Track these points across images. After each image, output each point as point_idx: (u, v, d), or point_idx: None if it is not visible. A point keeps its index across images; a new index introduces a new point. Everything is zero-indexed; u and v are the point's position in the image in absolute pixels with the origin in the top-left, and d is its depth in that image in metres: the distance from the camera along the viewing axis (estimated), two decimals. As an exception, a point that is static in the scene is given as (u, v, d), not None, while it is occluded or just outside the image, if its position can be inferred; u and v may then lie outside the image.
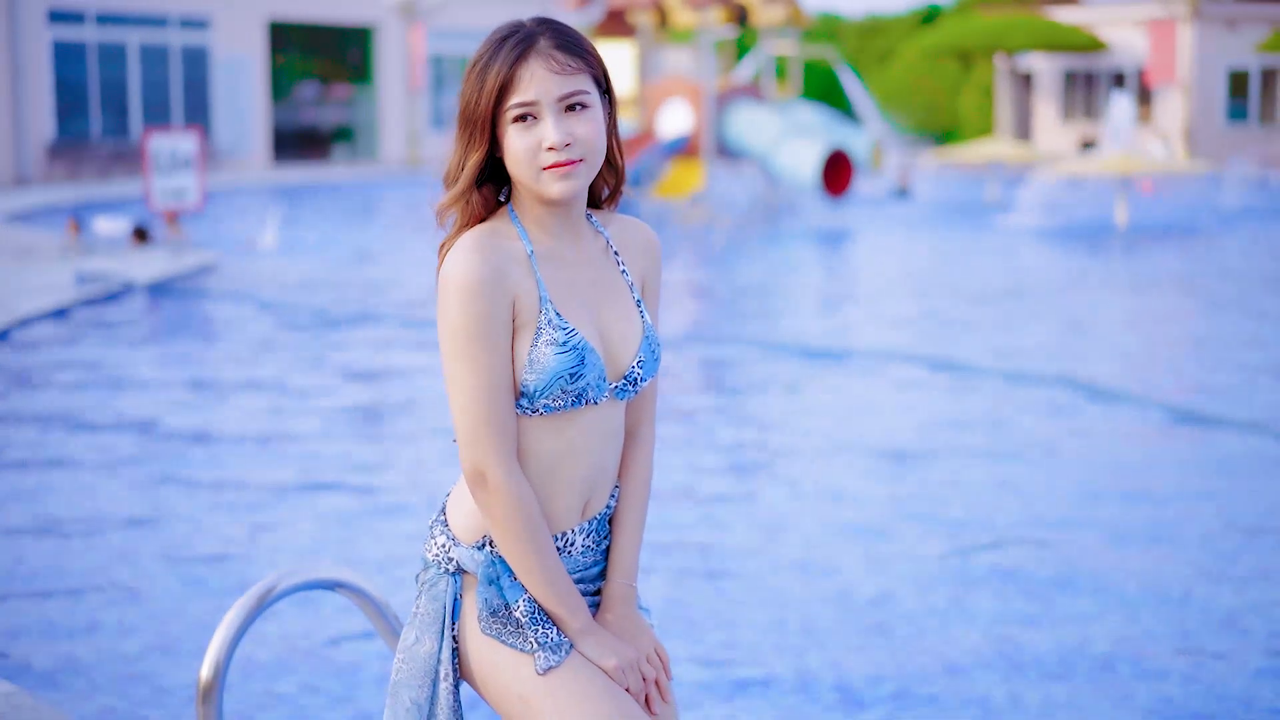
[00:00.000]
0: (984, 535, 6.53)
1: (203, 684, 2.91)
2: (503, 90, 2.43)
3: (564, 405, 2.46)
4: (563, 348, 2.43)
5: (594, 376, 2.47)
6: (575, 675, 2.48)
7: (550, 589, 2.48)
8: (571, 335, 2.45)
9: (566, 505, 2.53)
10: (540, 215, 2.51)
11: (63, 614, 5.50)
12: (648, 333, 2.56)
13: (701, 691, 4.79)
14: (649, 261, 2.64)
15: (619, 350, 2.53)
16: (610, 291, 2.56)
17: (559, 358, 2.43)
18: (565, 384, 2.44)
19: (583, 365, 2.45)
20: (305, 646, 5.18)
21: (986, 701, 4.70)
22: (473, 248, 2.43)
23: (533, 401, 2.45)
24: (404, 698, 2.56)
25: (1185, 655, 5.08)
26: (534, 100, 2.42)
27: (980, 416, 9.11)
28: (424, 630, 2.56)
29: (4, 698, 4.23)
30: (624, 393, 2.54)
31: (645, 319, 2.57)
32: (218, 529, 6.58)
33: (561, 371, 2.43)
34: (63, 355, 10.91)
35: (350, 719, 4.65)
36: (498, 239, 2.47)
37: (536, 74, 2.42)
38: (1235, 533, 6.55)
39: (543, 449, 2.49)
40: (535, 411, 2.46)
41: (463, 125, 2.47)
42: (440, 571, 2.56)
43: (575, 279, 2.52)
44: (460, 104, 2.47)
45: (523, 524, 2.44)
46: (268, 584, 2.99)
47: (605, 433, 2.54)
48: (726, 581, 5.90)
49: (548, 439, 2.49)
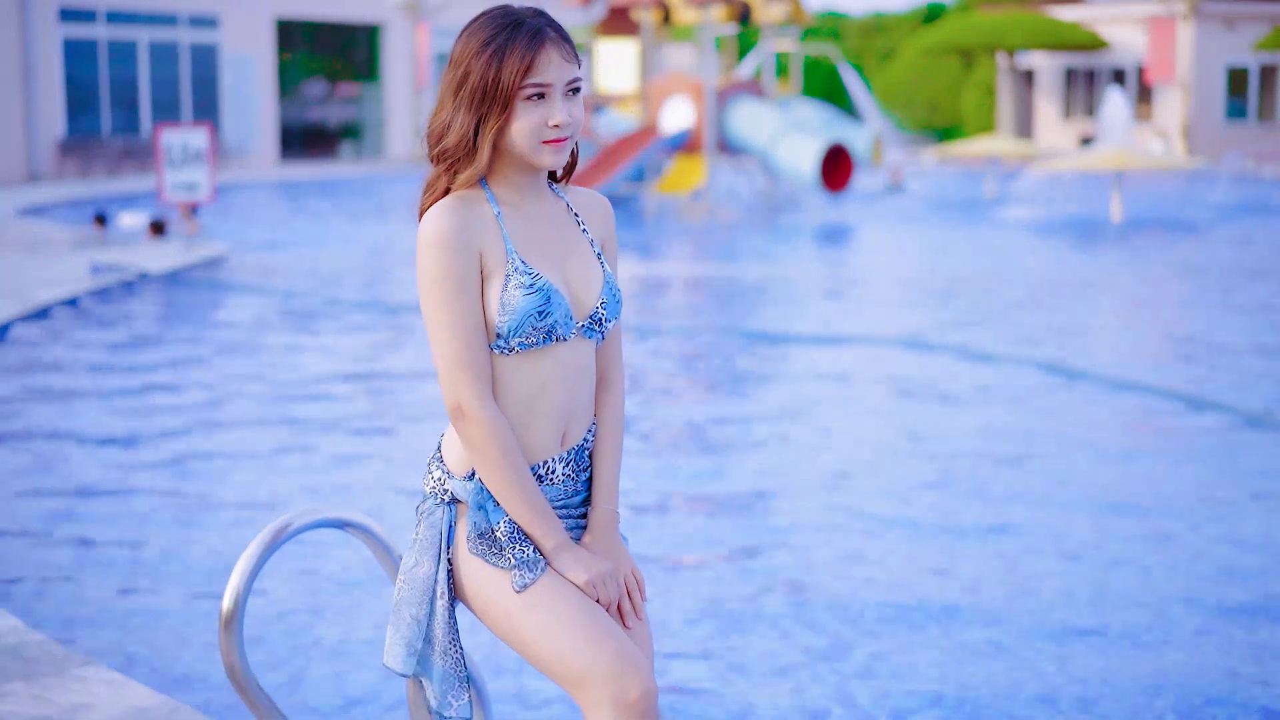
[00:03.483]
0: (990, 515, 6.88)
1: (224, 614, 3.17)
2: (525, 71, 2.78)
3: (536, 342, 2.81)
4: (530, 289, 2.79)
5: (560, 315, 2.82)
6: (552, 590, 2.80)
7: (526, 509, 2.81)
8: (537, 279, 2.80)
9: (545, 435, 2.87)
10: (513, 178, 2.87)
11: (93, 564, 5.89)
12: (608, 279, 2.92)
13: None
14: (605, 225, 3.01)
15: (582, 293, 2.89)
16: (572, 244, 2.92)
17: (527, 298, 2.78)
18: (535, 321, 2.79)
19: (549, 304, 2.80)
20: (314, 583, 5.58)
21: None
22: (444, 208, 2.80)
23: (507, 341, 2.80)
24: (405, 615, 2.89)
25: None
26: (550, 82, 2.79)
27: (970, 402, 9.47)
28: (423, 554, 2.89)
29: (14, 632, 4.60)
30: (591, 332, 2.89)
31: (605, 268, 2.94)
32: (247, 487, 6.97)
33: (530, 310, 2.78)
34: (81, 338, 11.30)
35: (356, 640, 5.04)
36: (467, 202, 2.83)
37: (553, 59, 2.79)
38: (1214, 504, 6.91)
39: (520, 384, 2.84)
40: (511, 350, 2.81)
41: (477, 98, 2.78)
42: (436, 502, 2.90)
43: (539, 233, 2.88)
44: (472, 79, 2.77)
45: (499, 451, 2.78)
46: (282, 523, 3.28)
47: (577, 368, 2.88)
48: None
49: (524, 375, 2.83)
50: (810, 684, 4.86)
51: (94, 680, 4.31)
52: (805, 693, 4.79)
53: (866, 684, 4.84)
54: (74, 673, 4.36)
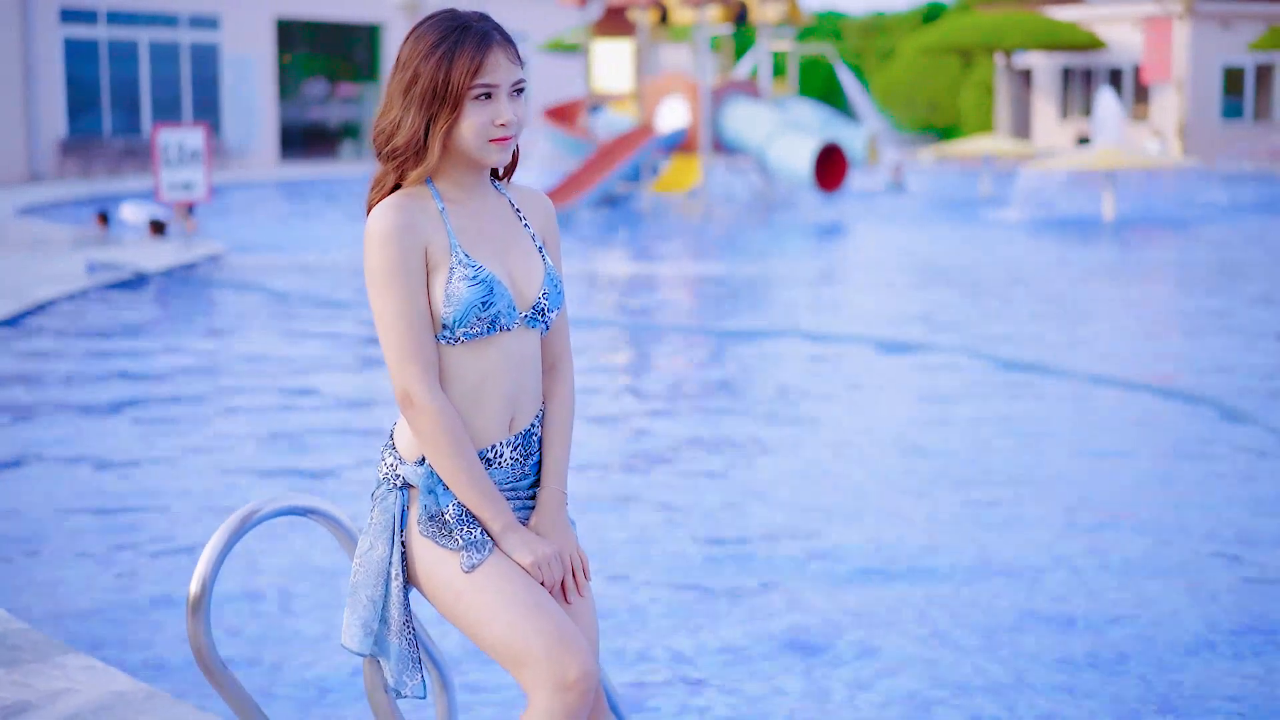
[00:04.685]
0: (1005, 491, 7.02)
1: (192, 598, 3.23)
2: (475, 72, 2.90)
3: (481, 332, 2.93)
4: (473, 281, 2.91)
5: (503, 305, 2.94)
6: (498, 573, 2.91)
7: (473, 493, 2.93)
8: (480, 270, 2.93)
9: (493, 421, 2.99)
10: (457, 175, 3.00)
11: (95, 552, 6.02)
12: (549, 271, 3.05)
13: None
14: (547, 220, 3.14)
15: (525, 285, 3.01)
16: (514, 238, 3.05)
17: (471, 289, 2.91)
18: (479, 312, 2.91)
19: (492, 295, 2.92)
20: (300, 574, 5.71)
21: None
22: (391, 205, 2.93)
23: (453, 331, 2.92)
24: (362, 596, 3.01)
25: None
26: (497, 83, 2.92)
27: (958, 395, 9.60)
28: (377, 537, 3.01)
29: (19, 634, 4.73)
30: (534, 321, 3.02)
31: (547, 261, 3.06)
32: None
33: (474, 301, 2.91)
34: (75, 333, 11.44)
35: (321, 623, 5.20)
36: (413, 199, 2.96)
37: (500, 61, 2.92)
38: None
39: (467, 372, 2.96)
40: (456, 340, 2.94)
41: (428, 98, 2.90)
42: (389, 487, 3.02)
43: (482, 228, 3.01)
44: (422, 80, 2.89)
45: (446, 436, 2.91)
46: (249, 510, 3.37)
47: (522, 357, 3.01)
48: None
49: (470, 363, 2.96)
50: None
51: (74, 667, 4.42)
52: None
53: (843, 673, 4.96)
54: (55, 659, 4.47)
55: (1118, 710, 4.64)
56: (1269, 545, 6.31)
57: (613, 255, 19.32)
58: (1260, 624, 5.34)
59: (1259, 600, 5.65)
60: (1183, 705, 4.67)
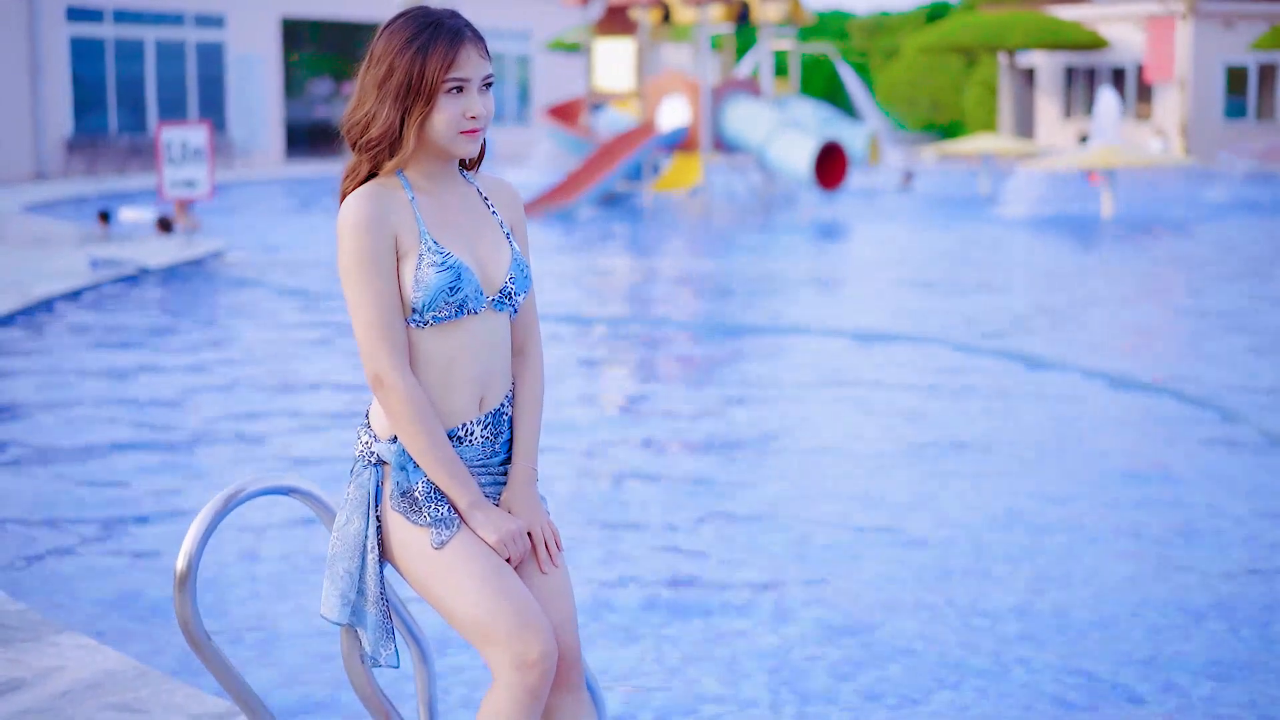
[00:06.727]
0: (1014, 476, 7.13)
1: (178, 574, 3.35)
2: (448, 66, 3.03)
3: (449, 315, 3.05)
4: (441, 267, 3.04)
5: (471, 289, 3.07)
6: (465, 550, 3.03)
7: (442, 471, 3.05)
8: (448, 257, 3.06)
9: (463, 401, 3.11)
10: (427, 166, 3.13)
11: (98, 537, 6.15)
12: (515, 257, 3.17)
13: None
14: (514, 208, 3.27)
15: (492, 270, 3.14)
16: (482, 225, 3.18)
17: (439, 275, 3.03)
18: (447, 296, 3.04)
19: (460, 280, 3.05)
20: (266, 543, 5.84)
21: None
22: (363, 195, 3.08)
23: (423, 315, 3.05)
24: (339, 568, 3.13)
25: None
26: (468, 77, 3.05)
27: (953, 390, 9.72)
28: (353, 512, 3.13)
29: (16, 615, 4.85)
30: (502, 305, 3.14)
31: (514, 247, 3.19)
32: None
33: (443, 285, 3.03)
34: (87, 320, 11.58)
35: (301, 598, 5.33)
36: (384, 188, 3.10)
37: (471, 56, 3.05)
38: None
39: (437, 354, 3.08)
40: (426, 323, 3.06)
41: (402, 92, 3.03)
42: (365, 464, 3.14)
43: (451, 216, 3.14)
44: (397, 75, 3.02)
45: (416, 415, 3.02)
46: (234, 489, 3.48)
47: (491, 339, 3.13)
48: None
49: (440, 345, 3.08)
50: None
51: (68, 646, 4.53)
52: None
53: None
54: (50, 639, 4.59)
55: (1117, 704, 4.75)
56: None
57: (613, 253, 19.43)
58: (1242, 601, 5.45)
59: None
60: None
